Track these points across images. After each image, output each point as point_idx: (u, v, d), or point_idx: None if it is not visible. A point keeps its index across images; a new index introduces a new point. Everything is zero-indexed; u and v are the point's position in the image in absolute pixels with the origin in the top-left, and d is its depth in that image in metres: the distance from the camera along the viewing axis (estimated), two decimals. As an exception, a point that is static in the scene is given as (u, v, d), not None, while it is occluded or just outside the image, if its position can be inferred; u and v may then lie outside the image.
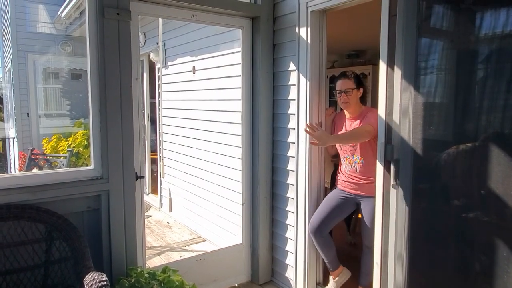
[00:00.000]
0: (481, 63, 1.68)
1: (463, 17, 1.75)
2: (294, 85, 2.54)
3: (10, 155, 7.76)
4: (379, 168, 2.02)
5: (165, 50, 4.49)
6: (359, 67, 5.13)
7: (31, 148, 5.50)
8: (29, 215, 1.86)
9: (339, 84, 2.43)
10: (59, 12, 6.61)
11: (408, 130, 1.85)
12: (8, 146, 7.92)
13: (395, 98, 1.89)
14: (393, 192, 1.94)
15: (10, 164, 7.60)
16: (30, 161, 5.06)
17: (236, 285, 2.88)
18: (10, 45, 7.13)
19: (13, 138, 7.41)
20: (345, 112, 2.50)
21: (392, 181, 1.93)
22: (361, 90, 2.45)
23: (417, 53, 1.80)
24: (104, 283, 1.60)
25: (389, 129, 1.95)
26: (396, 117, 1.89)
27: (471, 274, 1.75)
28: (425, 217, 1.92)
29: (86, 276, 1.68)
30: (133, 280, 2.05)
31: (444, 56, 1.83)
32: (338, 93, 2.42)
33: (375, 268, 2.10)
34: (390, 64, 1.91)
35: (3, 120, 10.08)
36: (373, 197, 2.13)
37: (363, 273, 2.50)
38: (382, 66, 1.96)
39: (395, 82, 1.88)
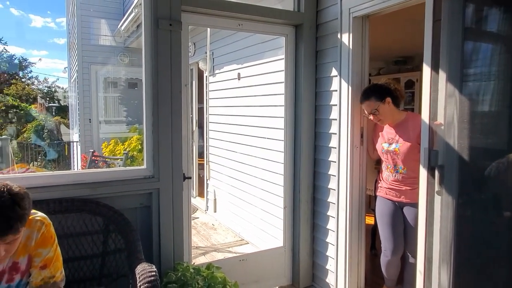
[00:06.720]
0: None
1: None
2: (336, 90, 2.56)
3: (73, 157, 8.49)
4: (423, 173, 1.97)
5: (213, 58, 4.70)
6: (407, 73, 5.00)
7: (92, 150, 6.00)
8: (90, 208, 2.06)
9: (364, 108, 2.39)
10: (118, 26, 7.17)
11: (454, 136, 1.80)
12: (72, 149, 8.67)
13: (439, 102, 1.85)
14: (437, 198, 1.89)
15: (74, 165, 8.31)
16: (91, 163, 5.51)
17: (277, 287, 2.93)
18: (76, 57, 7.84)
19: (77, 142, 8.10)
20: None
21: (436, 188, 1.88)
22: (388, 99, 2.32)
23: (463, 58, 1.75)
24: (154, 273, 1.71)
25: (433, 134, 1.91)
26: (440, 121, 1.85)
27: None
28: (472, 225, 1.84)
29: (138, 266, 1.81)
30: (179, 274, 2.17)
31: (494, 60, 1.76)
32: (368, 115, 2.38)
33: (418, 276, 2.04)
34: (435, 68, 1.88)
35: (68, 126, 11.04)
36: (416, 204, 2.08)
37: (406, 282, 2.43)
38: (426, 70, 1.93)
39: (439, 87, 1.85)
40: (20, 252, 1.48)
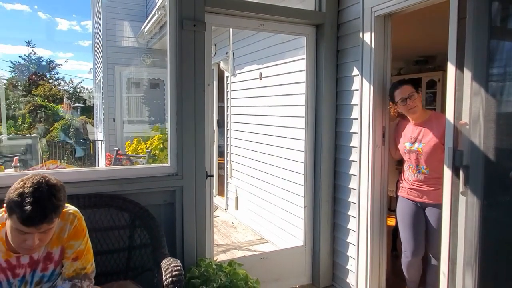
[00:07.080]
0: None
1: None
2: (357, 90, 2.56)
3: (98, 155, 8.75)
4: (447, 174, 1.95)
5: (234, 59, 4.76)
6: (428, 73, 4.91)
7: (117, 149, 6.17)
8: (117, 204, 2.13)
9: (400, 92, 2.35)
10: (142, 28, 7.34)
11: (479, 135, 1.77)
12: (97, 148, 8.94)
13: (464, 101, 1.83)
14: (462, 199, 1.87)
15: (98, 163, 8.57)
16: (116, 161, 5.67)
17: (297, 286, 2.94)
18: (101, 58, 8.06)
19: (101, 140, 8.34)
20: (409, 118, 2.43)
21: (461, 188, 1.86)
22: (420, 93, 2.39)
23: (489, 56, 1.73)
24: (179, 267, 1.76)
25: (458, 134, 1.88)
26: (466, 121, 1.82)
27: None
28: (498, 227, 1.81)
29: (163, 261, 1.86)
30: (202, 270, 2.22)
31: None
32: (402, 101, 2.34)
33: (441, 278, 2.02)
34: (459, 67, 1.85)
35: (93, 125, 11.40)
36: (438, 204, 2.06)
37: (428, 284, 2.40)
38: (451, 69, 1.91)
39: (464, 86, 1.82)
40: (54, 243, 1.56)
